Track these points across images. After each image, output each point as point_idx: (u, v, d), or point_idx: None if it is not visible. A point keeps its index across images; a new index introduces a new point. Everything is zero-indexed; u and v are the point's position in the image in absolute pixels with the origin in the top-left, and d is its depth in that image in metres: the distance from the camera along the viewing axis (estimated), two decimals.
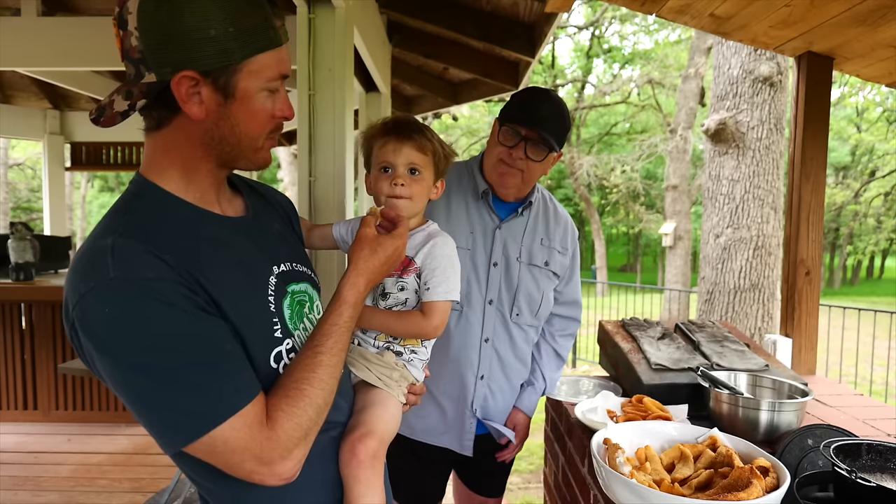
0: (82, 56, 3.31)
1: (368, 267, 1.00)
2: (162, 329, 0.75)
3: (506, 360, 1.64)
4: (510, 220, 1.63)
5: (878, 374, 7.15)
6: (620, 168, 18.75)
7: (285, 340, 0.92)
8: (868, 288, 27.55)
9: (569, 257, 1.72)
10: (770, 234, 4.69)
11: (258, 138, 0.89)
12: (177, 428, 0.76)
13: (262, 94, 0.85)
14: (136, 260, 0.76)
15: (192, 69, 0.79)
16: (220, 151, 0.87)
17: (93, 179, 25.33)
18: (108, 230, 0.80)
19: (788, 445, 1.27)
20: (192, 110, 0.81)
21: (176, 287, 0.77)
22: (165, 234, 0.82)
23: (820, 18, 1.92)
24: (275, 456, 0.80)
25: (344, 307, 0.95)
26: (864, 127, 20.98)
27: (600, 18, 17.70)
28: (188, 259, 0.81)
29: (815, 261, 2.26)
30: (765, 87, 4.61)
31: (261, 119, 0.87)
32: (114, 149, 6.14)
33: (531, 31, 3.56)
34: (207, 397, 0.76)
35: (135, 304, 0.74)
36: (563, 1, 2.17)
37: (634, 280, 27.26)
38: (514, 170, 1.54)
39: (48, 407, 3.97)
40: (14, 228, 4.03)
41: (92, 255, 0.77)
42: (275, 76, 0.85)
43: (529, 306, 1.64)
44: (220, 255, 0.87)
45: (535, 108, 1.51)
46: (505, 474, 1.87)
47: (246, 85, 0.83)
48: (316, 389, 0.85)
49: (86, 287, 0.75)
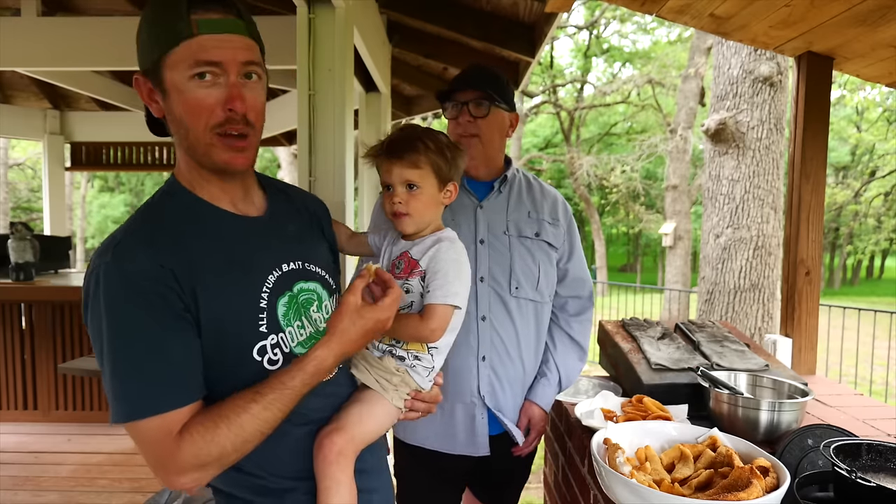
0: (82, 56, 3.31)
1: (344, 339, 0.95)
2: (128, 321, 0.86)
3: (506, 337, 1.60)
4: (490, 198, 1.64)
5: (878, 374, 7.15)
6: (620, 168, 18.74)
7: (270, 336, 0.96)
8: (868, 288, 27.55)
9: (563, 229, 1.70)
10: (770, 234, 4.69)
11: (201, 131, 0.91)
12: (113, 408, 0.87)
13: (190, 85, 0.89)
14: (130, 254, 0.88)
15: (140, 73, 0.93)
16: (187, 148, 0.95)
17: (93, 179, 25.33)
18: (126, 223, 0.94)
19: (788, 445, 1.27)
20: (153, 108, 0.94)
21: (156, 286, 0.87)
22: (171, 232, 0.92)
23: (820, 18, 1.92)
24: (171, 468, 0.87)
25: (299, 374, 0.92)
26: (864, 127, 20.98)
27: (599, 18, 17.70)
28: (183, 257, 0.90)
29: (815, 261, 2.26)
30: (765, 87, 4.61)
31: (194, 110, 0.90)
32: (114, 149, 6.14)
33: (531, 31, 3.56)
34: (140, 392, 0.86)
35: (118, 292, 0.86)
36: (563, 1, 2.18)
37: (634, 280, 27.27)
38: (470, 138, 1.60)
39: (48, 407, 3.97)
40: (14, 228, 4.03)
41: (107, 241, 0.91)
42: (193, 63, 0.88)
43: (528, 279, 1.62)
44: (220, 251, 0.95)
45: (461, 76, 1.65)
46: (520, 486, 1.82)
47: (170, 78, 0.90)
48: (230, 432, 0.87)
49: (93, 265, 0.89)
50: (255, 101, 0.93)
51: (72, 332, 3.94)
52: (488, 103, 1.59)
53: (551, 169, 23.94)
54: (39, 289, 3.85)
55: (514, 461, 1.70)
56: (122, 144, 6.11)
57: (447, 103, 1.63)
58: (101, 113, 5.90)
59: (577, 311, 1.74)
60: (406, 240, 1.25)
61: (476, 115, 1.59)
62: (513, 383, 1.62)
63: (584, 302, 1.74)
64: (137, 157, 6.20)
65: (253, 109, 0.93)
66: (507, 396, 1.61)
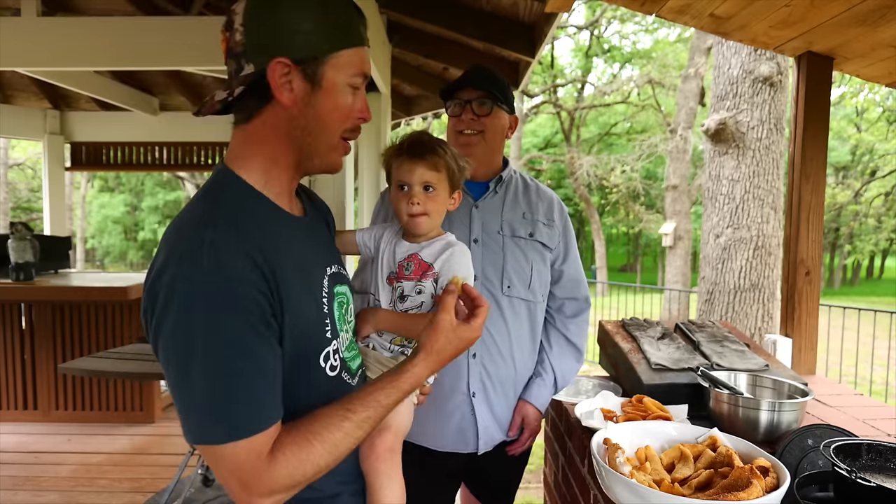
0: (82, 56, 3.30)
1: (441, 358, 0.95)
2: (221, 333, 0.79)
3: (498, 336, 1.60)
4: (486, 198, 1.66)
5: (878, 374, 7.15)
6: (620, 168, 18.74)
7: (332, 341, 0.96)
8: (868, 288, 27.55)
9: (557, 231, 1.70)
10: (770, 234, 4.69)
11: (336, 133, 0.94)
12: (192, 427, 0.80)
13: (346, 89, 0.92)
14: (227, 258, 0.80)
15: (286, 56, 0.86)
16: (302, 143, 0.92)
17: (93, 179, 25.34)
18: (203, 221, 0.84)
19: (788, 445, 1.27)
20: (283, 96, 0.88)
21: (253, 292, 0.81)
22: (253, 229, 0.86)
23: (820, 18, 1.92)
24: (259, 490, 0.81)
25: (395, 392, 0.91)
26: (864, 127, 20.98)
27: (600, 18, 17.70)
28: (272, 256, 0.85)
29: (815, 261, 2.26)
30: (765, 87, 4.61)
31: (342, 112, 0.92)
32: (114, 149, 6.13)
33: (531, 31, 3.56)
34: (229, 413, 0.79)
35: (213, 300, 0.78)
36: (563, 1, 2.18)
37: (634, 280, 27.26)
38: (472, 136, 1.63)
39: (48, 407, 3.97)
40: (14, 228, 4.02)
41: (191, 242, 0.81)
42: (357, 72, 0.92)
43: (520, 278, 1.62)
44: (290, 253, 0.90)
45: (465, 75, 1.68)
46: (516, 484, 1.82)
47: (332, 76, 0.90)
48: (324, 450, 0.84)
49: (178, 269, 0.79)
50: None
51: (72, 332, 3.94)
52: (491, 102, 1.62)
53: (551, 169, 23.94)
54: (39, 289, 3.85)
55: (508, 460, 1.72)
56: (122, 144, 6.10)
57: (450, 101, 1.66)
58: (101, 113, 5.90)
59: (573, 312, 1.74)
60: (410, 241, 1.27)
61: (479, 113, 1.62)
62: (504, 381, 1.63)
63: (581, 304, 1.75)
64: (137, 157, 6.19)
65: None
66: (498, 394, 1.62)
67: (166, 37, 3.23)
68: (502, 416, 1.64)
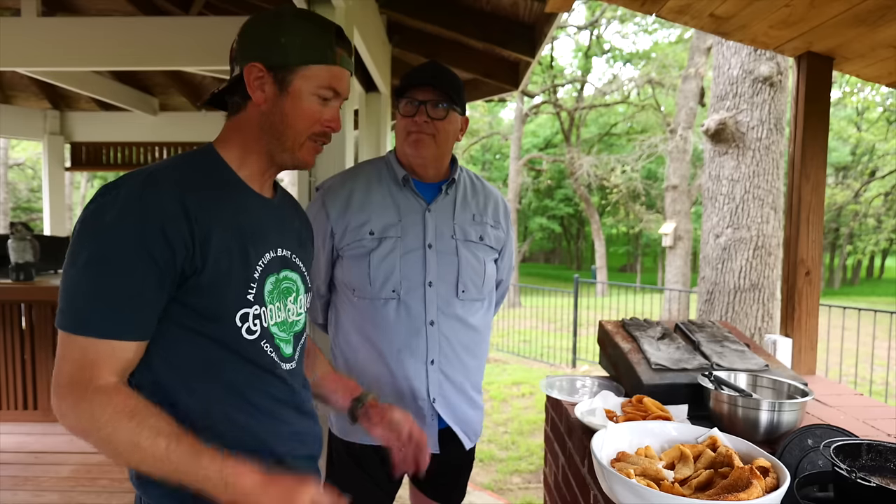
0: (82, 56, 3.31)
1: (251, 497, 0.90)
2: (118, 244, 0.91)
3: (455, 340, 1.62)
4: (438, 200, 1.64)
5: (878, 374, 7.15)
6: (620, 168, 18.74)
7: (254, 306, 1.04)
8: (868, 288, 27.56)
9: (503, 232, 1.72)
10: (770, 234, 4.69)
11: (302, 133, 1.07)
12: (58, 312, 0.92)
13: (312, 98, 1.05)
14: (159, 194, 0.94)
15: (261, 63, 1.03)
16: (271, 136, 1.06)
17: (93, 179, 25.31)
18: (163, 165, 1.01)
19: (788, 445, 1.27)
20: (256, 95, 1.03)
21: (168, 228, 0.92)
22: (200, 182, 1.00)
23: (820, 18, 1.92)
24: (65, 393, 0.90)
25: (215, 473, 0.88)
26: (864, 127, 20.98)
27: (600, 18, 17.70)
28: (211, 210, 0.98)
29: (815, 261, 2.26)
30: (765, 87, 4.61)
31: (306, 116, 1.06)
32: (114, 149, 6.14)
33: (531, 32, 3.56)
34: (89, 310, 0.90)
35: (126, 215, 0.91)
36: (563, 1, 2.18)
37: (634, 280, 27.27)
38: (424, 135, 1.56)
39: (48, 407, 3.95)
40: (14, 228, 4.02)
41: (140, 174, 0.97)
42: (324, 85, 1.05)
43: (474, 281, 1.64)
44: (237, 217, 1.03)
45: (420, 72, 1.60)
46: (466, 476, 1.83)
47: (298, 85, 1.04)
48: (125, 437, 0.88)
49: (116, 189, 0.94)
50: None
51: None
52: (446, 105, 1.55)
53: (551, 169, 23.95)
54: (39, 289, 3.85)
55: (459, 454, 1.72)
56: (122, 144, 6.11)
57: (402, 99, 1.58)
58: (101, 113, 5.90)
59: (500, 297, 1.86)
60: None
61: (434, 116, 1.55)
62: (461, 383, 1.65)
63: (505, 286, 1.86)
64: (137, 157, 6.20)
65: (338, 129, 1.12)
66: (457, 397, 1.64)
67: (166, 37, 3.24)
68: (462, 416, 1.66)
